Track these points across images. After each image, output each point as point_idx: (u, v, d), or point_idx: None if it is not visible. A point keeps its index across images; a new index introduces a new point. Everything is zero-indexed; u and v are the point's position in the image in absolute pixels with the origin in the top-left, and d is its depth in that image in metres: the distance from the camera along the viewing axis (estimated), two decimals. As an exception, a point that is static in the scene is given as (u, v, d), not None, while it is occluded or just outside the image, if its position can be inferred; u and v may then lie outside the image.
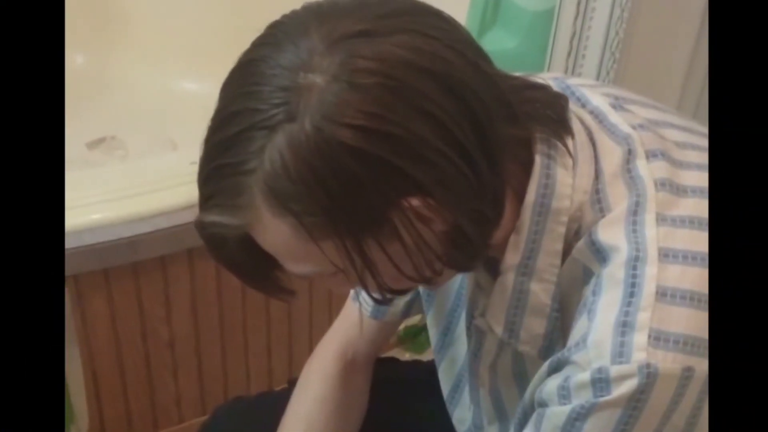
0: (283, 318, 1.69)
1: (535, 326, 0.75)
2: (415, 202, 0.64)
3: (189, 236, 1.46)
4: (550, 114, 0.73)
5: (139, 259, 1.45)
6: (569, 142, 0.72)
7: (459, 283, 0.91)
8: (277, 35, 0.67)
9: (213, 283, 1.55)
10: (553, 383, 0.70)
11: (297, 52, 0.64)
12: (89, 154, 2.21)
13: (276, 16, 0.70)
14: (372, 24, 0.64)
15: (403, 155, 0.63)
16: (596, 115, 0.76)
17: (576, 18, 1.50)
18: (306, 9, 0.68)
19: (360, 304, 1.04)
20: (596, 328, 0.67)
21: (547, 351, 0.76)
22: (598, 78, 1.54)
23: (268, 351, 1.72)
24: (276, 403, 1.07)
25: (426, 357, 1.93)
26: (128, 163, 2.14)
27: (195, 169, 1.59)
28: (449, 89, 0.64)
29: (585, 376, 0.66)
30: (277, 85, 0.63)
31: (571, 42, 1.52)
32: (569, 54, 1.53)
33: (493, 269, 0.77)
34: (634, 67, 1.58)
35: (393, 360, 1.17)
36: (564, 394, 0.68)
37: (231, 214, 0.67)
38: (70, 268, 1.39)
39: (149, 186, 1.50)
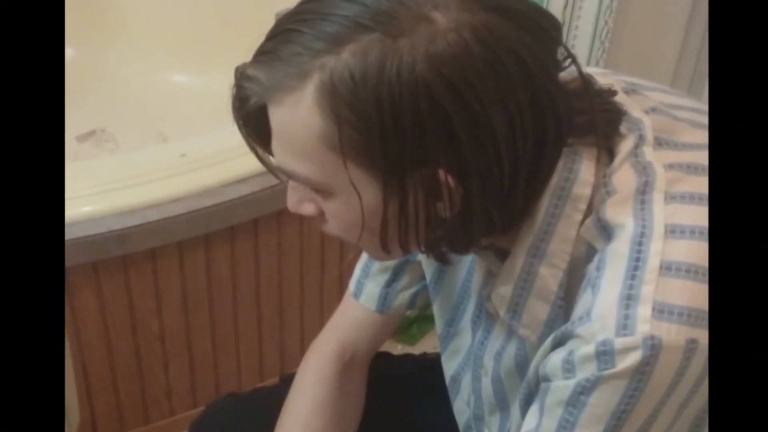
0: (274, 310, 1.69)
1: (538, 311, 0.75)
2: (447, 177, 0.65)
3: (179, 229, 1.46)
4: (605, 124, 0.72)
5: (129, 251, 1.44)
6: (613, 146, 0.72)
7: (465, 274, 0.91)
8: None
9: (203, 276, 1.55)
10: (557, 357, 0.70)
11: None
12: (79, 147, 2.20)
13: (265, 10, 0.71)
14: (505, 3, 0.65)
15: (469, 133, 0.63)
16: None
17: (565, 8, 1.50)
18: None
19: (361, 299, 1.03)
20: (600, 302, 0.67)
21: (546, 339, 0.75)
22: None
23: (259, 344, 1.71)
24: (268, 399, 1.07)
25: (418, 348, 1.94)
26: (118, 155, 2.14)
27: (184, 161, 1.58)
28: (535, 100, 0.65)
29: (589, 348, 0.66)
30: (398, 1, 0.63)
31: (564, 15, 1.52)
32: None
33: (504, 257, 0.77)
34: (623, 56, 1.58)
35: (386, 355, 1.17)
36: (568, 368, 0.69)
37: (274, 78, 0.65)
38: (59, 261, 1.38)
39: (139, 178, 1.49)
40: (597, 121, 0.71)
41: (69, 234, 1.37)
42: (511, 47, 0.63)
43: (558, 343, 0.71)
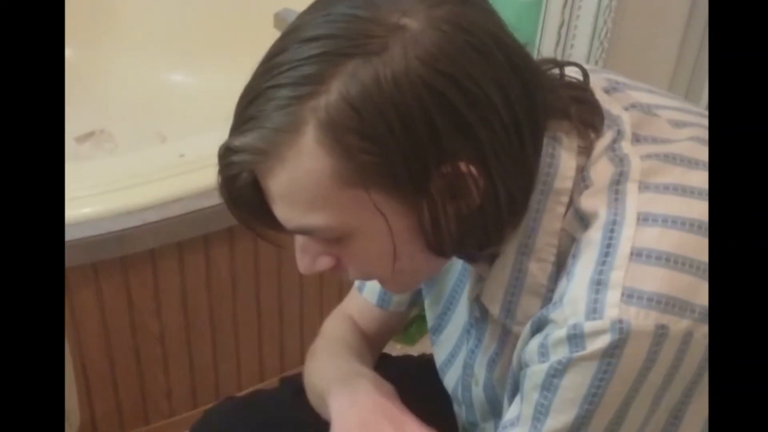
0: (274, 311, 1.69)
1: (530, 306, 0.76)
2: (468, 167, 0.66)
3: (178, 229, 1.47)
4: (585, 103, 0.74)
5: (128, 252, 1.44)
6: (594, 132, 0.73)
7: (454, 283, 0.91)
8: None
9: (202, 277, 1.55)
10: (533, 343, 0.71)
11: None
12: (78, 148, 2.20)
13: (264, 10, 0.71)
14: None
15: (477, 116, 0.65)
16: None
17: (564, 7, 1.50)
18: None
19: (363, 292, 1.03)
20: (572, 287, 0.68)
21: None
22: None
23: (258, 344, 1.71)
24: (267, 402, 1.07)
25: (417, 348, 1.93)
26: (117, 156, 2.14)
27: (183, 161, 1.57)
28: (517, 71, 0.67)
29: (561, 332, 0.68)
30: (366, 19, 0.64)
31: (559, 31, 1.52)
32: (557, 43, 1.53)
33: (493, 261, 0.77)
34: (622, 56, 1.58)
35: (385, 356, 1.17)
36: (543, 351, 0.70)
37: (267, 138, 0.65)
38: (58, 263, 1.38)
39: (138, 179, 1.49)
40: (564, 97, 0.73)
41: (68, 235, 1.37)
42: (485, 28, 0.66)
43: (536, 329, 0.72)
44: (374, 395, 0.85)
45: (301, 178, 0.66)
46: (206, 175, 1.49)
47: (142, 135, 2.20)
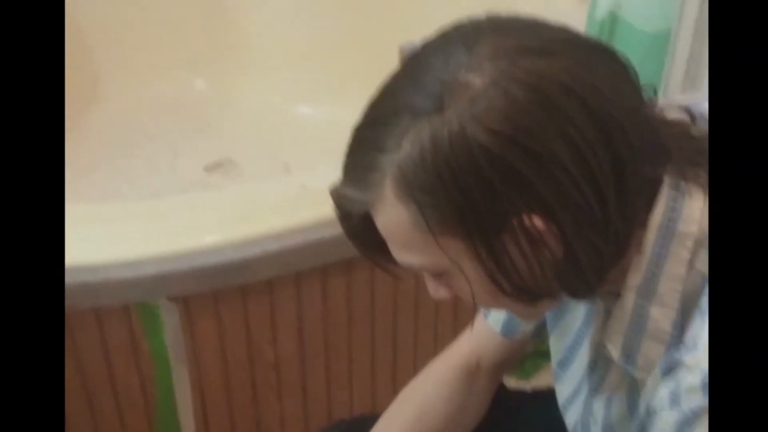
0: (388, 341, 1.69)
1: (652, 352, 0.73)
2: (535, 220, 0.66)
3: (296, 260, 1.48)
4: (697, 152, 0.72)
5: (248, 281, 1.47)
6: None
7: (583, 318, 0.89)
8: (452, 35, 0.70)
9: (319, 307, 1.56)
10: (664, 388, 0.69)
11: (466, 52, 0.66)
12: (207, 177, 2.27)
13: (390, 47, 0.75)
14: (542, 44, 0.66)
15: (538, 172, 0.64)
16: None
17: (693, 40, 1.46)
18: (487, 18, 0.71)
19: (488, 319, 1.03)
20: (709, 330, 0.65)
21: None
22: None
23: (372, 374, 1.71)
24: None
25: (531, 383, 1.89)
26: (241, 185, 2.19)
27: (304, 192, 1.59)
28: (597, 121, 0.65)
29: (696, 379, 0.65)
30: (436, 77, 0.66)
31: (688, 64, 1.48)
32: (686, 76, 1.49)
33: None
34: None
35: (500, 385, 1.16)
36: (674, 398, 0.67)
37: (360, 188, 0.71)
38: (180, 290, 1.42)
39: (259, 209, 1.52)
40: (672, 147, 0.71)
41: (190, 264, 1.41)
42: (557, 80, 0.64)
43: (667, 371, 0.70)
44: None
45: (390, 224, 0.72)
46: (325, 207, 1.52)
47: (267, 165, 2.25)
